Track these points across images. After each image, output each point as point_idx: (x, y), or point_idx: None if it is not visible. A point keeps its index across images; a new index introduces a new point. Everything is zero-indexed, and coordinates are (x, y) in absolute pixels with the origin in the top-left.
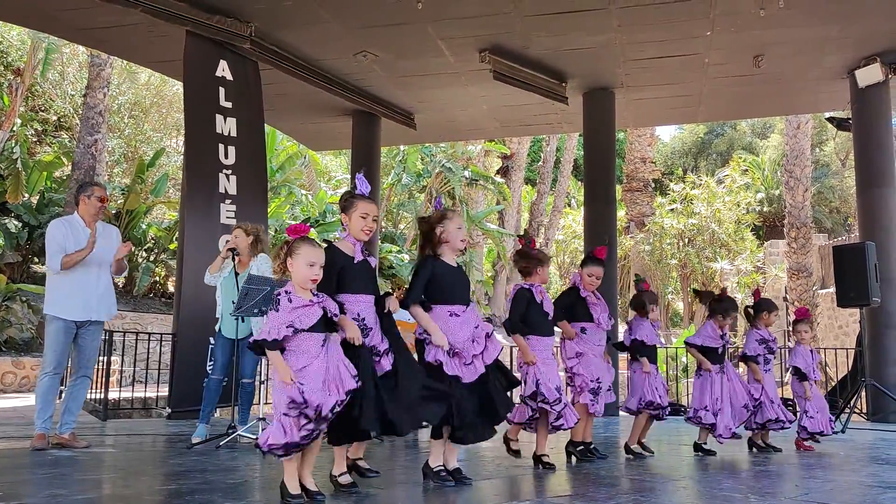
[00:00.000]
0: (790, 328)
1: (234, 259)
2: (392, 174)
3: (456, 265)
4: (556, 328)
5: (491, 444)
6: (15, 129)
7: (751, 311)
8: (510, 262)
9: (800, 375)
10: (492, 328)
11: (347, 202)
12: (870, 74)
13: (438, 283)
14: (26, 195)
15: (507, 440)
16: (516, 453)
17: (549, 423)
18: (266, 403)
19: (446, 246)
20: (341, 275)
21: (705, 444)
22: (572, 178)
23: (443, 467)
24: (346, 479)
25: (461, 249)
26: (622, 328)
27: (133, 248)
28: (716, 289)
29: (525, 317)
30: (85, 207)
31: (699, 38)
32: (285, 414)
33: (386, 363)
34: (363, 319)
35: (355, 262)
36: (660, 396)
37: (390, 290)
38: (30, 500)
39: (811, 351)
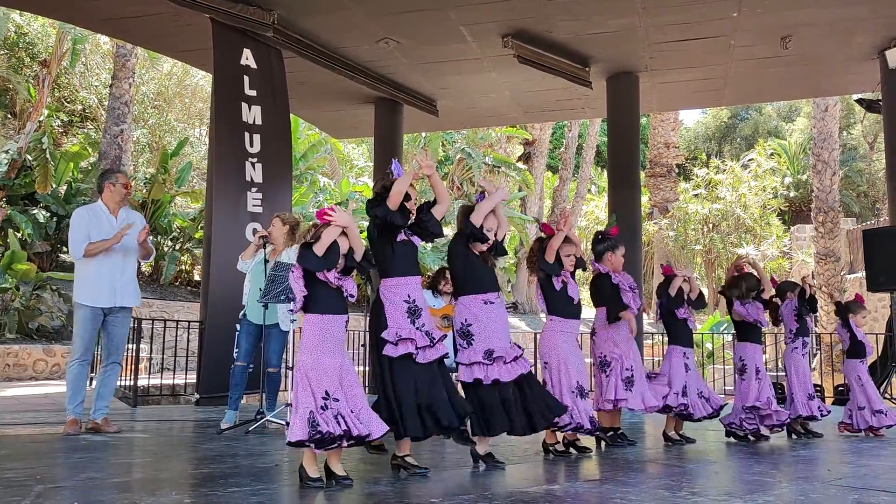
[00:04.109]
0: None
1: (265, 247)
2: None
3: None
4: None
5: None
6: (42, 120)
7: (776, 300)
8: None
9: (859, 352)
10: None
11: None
12: None
13: (471, 272)
14: (54, 185)
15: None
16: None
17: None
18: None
19: None
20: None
21: (740, 430)
22: (594, 165)
23: (490, 451)
24: (413, 461)
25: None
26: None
27: (149, 231)
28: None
29: (552, 303)
30: (109, 194)
31: (725, 19)
32: (322, 408)
33: (441, 348)
34: (413, 301)
35: (398, 239)
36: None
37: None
38: (66, 484)
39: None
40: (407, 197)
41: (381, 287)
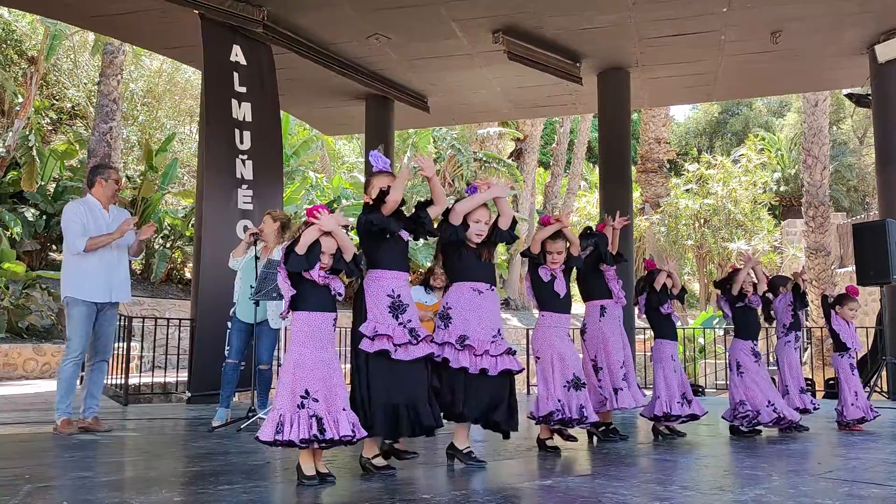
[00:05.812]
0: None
1: (256, 244)
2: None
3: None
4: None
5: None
6: (29, 117)
7: (769, 295)
8: (524, 245)
9: (839, 347)
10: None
11: (367, 182)
12: (890, 49)
13: (462, 265)
14: (41, 183)
15: (540, 442)
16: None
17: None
18: None
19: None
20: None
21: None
22: (586, 161)
23: (470, 448)
24: (380, 462)
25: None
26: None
27: (156, 231)
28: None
29: (540, 296)
30: (101, 189)
31: (715, 14)
32: (299, 406)
33: (426, 346)
34: (398, 296)
35: (387, 236)
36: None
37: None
38: (56, 483)
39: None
40: (402, 202)
41: (366, 279)
